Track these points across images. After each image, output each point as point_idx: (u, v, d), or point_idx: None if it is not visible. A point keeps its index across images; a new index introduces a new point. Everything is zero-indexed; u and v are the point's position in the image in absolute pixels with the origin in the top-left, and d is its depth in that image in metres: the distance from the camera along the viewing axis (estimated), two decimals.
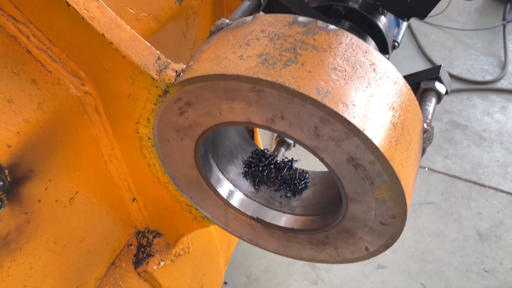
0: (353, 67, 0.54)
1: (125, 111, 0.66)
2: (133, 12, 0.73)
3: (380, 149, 0.51)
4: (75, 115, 0.66)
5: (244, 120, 0.57)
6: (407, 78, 0.75)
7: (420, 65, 2.91)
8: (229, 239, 1.30)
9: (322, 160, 0.57)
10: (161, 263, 0.93)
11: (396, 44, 0.86)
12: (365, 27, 0.80)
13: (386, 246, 0.64)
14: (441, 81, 0.71)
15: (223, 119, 0.59)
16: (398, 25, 0.88)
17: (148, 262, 0.92)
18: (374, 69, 0.56)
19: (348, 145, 0.53)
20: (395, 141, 0.54)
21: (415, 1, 0.73)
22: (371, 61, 0.56)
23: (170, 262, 0.96)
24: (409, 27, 3.14)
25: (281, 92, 0.51)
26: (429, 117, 0.67)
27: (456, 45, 3.13)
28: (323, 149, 0.55)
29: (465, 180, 2.20)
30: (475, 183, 2.18)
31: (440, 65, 0.72)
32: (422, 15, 0.75)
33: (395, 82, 0.57)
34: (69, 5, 0.55)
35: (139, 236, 0.93)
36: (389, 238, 0.63)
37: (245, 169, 0.78)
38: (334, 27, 0.57)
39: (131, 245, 0.92)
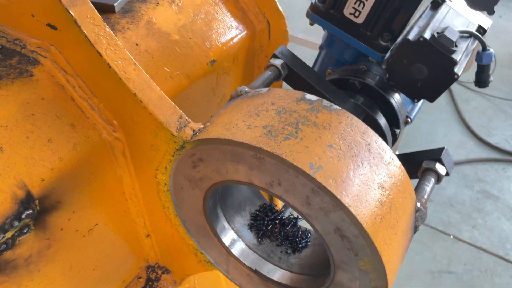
0: (348, 146, 0.60)
1: (147, 158, 0.74)
2: (168, 70, 0.82)
3: (363, 225, 0.56)
4: (104, 156, 0.75)
5: (246, 181, 0.64)
6: (410, 156, 0.79)
7: (456, 130, 2.90)
8: None
9: (313, 226, 0.62)
10: None
11: (409, 120, 0.91)
12: (379, 102, 0.86)
13: None
14: (442, 163, 0.75)
15: (229, 177, 0.65)
16: (413, 102, 0.93)
17: None
18: (369, 149, 0.61)
19: (335, 217, 0.58)
20: (380, 218, 0.58)
21: (424, 86, 0.78)
22: (367, 141, 0.61)
23: None
24: (449, 90, 3.14)
25: (278, 162, 0.58)
26: (425, 196, 0.71)
27: (497, 114, 3.10)
28: (314, 217, 0.60)
29: (491, 253, 2.14)
30: (502, 258, 2.12)
31: (443, 148, 0.76)
32: (431, 99, 0.80)
33: (388, 163, 0.62)
34: (110, 66, 0.65)
35: (149, 270, 0.99)
36: None
37: (251, 221, 0.84)
38: (337, 107, 0.64)
39: (140, 277, 0.98)
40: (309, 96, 0.65)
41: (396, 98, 0.87)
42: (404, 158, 0.76)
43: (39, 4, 0.66)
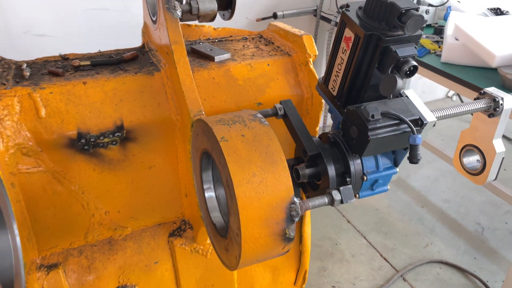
0: (254, 139, 1.01)
1: (186, 136, 1.30)
2: (225, 97, 1.38)
3: (232, 179, 0.96)
4: (170, 128, 1.34)
5: (208, 148, 1.11)
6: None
7: None
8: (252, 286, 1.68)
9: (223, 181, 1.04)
10: (183, 246, 1.47)
11: (365, 177, 1.19)
12: (340, 154, 1.19)
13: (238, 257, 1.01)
14: (340, 192, 1.05)
15: (204, 146, 1.14)
16: (378, 165, 1.21)
17: (177, 238, 1.47)
18: (267, 147, 1.01)
19: (226, 174, 1.00)
20: (247, 182, 0.97)
21: (356, 144, 1.11)
22: (269, 144, 1.02)
23: (189, 250, 1.48)
24: None
25: (212, 135, 1.04)
26: (312, 203, 1.02)
27: None
28: (221, 172, 1.03)
29: None
30: None
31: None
32: (360, 154, 1.11)
33: (275, 159, 1.00)
34: (178, 76, 1.25)
35: (182, 222, 1.50)
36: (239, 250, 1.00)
37: None
38: (267, 123, 1.06)
39: (174, 223, 1.50)
40: (259, 115, 1.10)
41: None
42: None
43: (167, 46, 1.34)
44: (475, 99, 1.28)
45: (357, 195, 1.24)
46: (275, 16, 3.00)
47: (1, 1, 2.42)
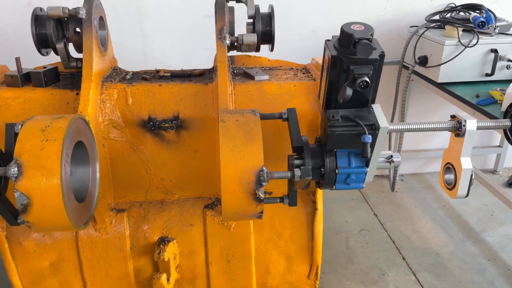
0: (244, 123, 1.44)
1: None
2: (253, 105, 1.83)
3: (220, 143, 1.40)
4: (213, 124, 1.84)
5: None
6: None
7: None
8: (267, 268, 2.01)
9: None
10: (213, 216, 1.91)
11: (336, 170, 1.51)
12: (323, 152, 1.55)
13: None
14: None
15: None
16: (350, 163, 1.52)
17: (209, 210, 1.92)
18: (251, 129, 1.43)
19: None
20: (233, 147, 1.39)
21: (324, 139, 1.46)
22: (252, 126, 1.43)
23: (217, 221, 1.91)
24: None
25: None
26: (277, 174, 1.39)
27: None
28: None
29: None
30: None
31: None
32: (325, 146, 1.45)
33: (255, 139, 1.41)
34: (217, 77, 1.76)
35: (215, 199, 1.95)
36: None
37: None
38: (258, 115, 1.48)
39: (210, 198, 1.95)
40: (256, 111, 1.52)
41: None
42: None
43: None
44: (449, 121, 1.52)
45: (334, 186, 1.56)
46: None
47: (146, 38, 3.26)
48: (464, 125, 1.45)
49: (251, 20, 1.91)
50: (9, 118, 1.71)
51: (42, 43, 1.83)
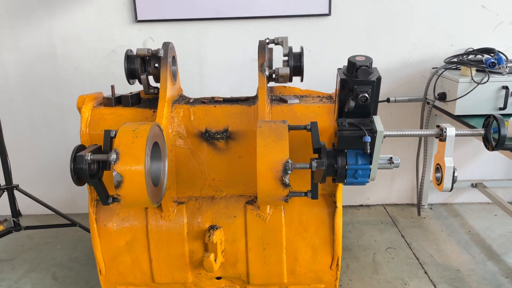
0: (276, 128, 1.95)
1: None
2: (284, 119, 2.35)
3: (257, 141, 1.92)
4: (254, 135, 2.37)
5: None
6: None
7: None
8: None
9: None
10: (252, 210, 2.39)
11: (346, 166, 1.98)
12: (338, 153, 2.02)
13: None
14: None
15: None
16: (358, 162, 1.99)
17: (250, 205, 2.40)
18: (281, 132, 1.93)
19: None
20: (265, 145, 1.90)
21: (336, 141, 1.95)
22: (281, 131, 1.94)
23: (255, 214, 2.39)
24: None
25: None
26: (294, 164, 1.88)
27: None
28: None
29: None
30: None
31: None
32: (336, 146, 1.93)
33: (283, 138, 1.91)
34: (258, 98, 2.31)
35: (255, 197, 2.43)
36: None
37: None
38: (284, 123, 1.99)
39: (251, 196, 2.44)
40: (285, 121, 2.04)
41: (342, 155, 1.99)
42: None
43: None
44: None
45: (345, 180, 2.02)
46: (388, 100, 3.82)
47: (203, 76, 3.93)
48: (445, 132, 1.88)
49: (286, 58, 2.47)
50: (106, 127, 2.32)
51: (130, 75, 2.48)
